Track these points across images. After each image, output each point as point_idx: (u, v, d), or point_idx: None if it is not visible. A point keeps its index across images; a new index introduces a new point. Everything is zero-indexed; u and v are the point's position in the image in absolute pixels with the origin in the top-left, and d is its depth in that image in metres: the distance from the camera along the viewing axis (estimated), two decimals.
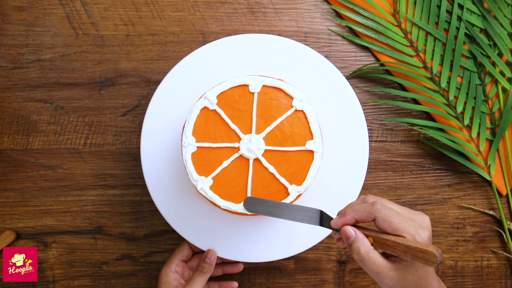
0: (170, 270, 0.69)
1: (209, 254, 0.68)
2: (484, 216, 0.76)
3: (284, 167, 0.63)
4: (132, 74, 0.75)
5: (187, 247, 0.71)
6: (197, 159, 0.63)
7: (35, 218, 0.75)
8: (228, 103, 0.63)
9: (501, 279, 0.77)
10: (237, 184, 0.63)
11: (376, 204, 0.54)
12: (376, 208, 0.54)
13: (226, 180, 0.63)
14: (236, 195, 0.63)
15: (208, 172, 0.62)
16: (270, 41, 0.69)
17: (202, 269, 0.68)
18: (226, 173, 0.63)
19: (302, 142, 0.63)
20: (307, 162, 0.63)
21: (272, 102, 0.63)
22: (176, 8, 0.75)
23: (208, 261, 0.68)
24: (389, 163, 0.76)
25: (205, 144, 0.62)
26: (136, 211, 0.75)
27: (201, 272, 0.67)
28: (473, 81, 0.74)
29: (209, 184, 0.62)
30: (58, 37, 0.75)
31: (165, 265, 0.69)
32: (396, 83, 0.75)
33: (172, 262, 0.69)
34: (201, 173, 0.63)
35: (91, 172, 0.75)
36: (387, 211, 0.53)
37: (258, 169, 0.63)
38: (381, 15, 0.74)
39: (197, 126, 0.63)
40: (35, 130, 0.75)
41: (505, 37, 0.73)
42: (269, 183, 0.63)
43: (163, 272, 0.69)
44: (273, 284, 0.76)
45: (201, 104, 0.63)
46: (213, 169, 0.63)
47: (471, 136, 0.74)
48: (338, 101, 0.69)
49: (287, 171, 0.63)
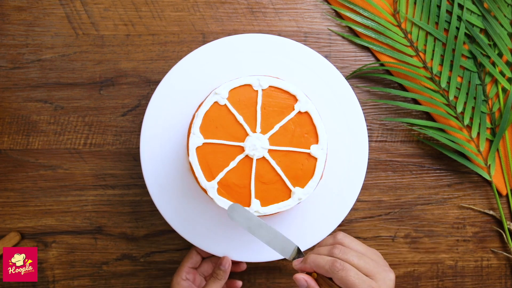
0: (181, 278, 0.68)
1: (223, 261, 0.68)
2: (484, 216, 0.76)
3: (288, 168, 0.62)
4: (132, 74, 0.75)
5: (195, 254, 0.71)
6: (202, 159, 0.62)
7: (35, 218, 0.75)
8: (237, 100, 0.63)
9: (501, 279, 0.77)
10: (242, 185, 0.62)
11: (336, 263, 0.55)
12: (335, 268, 0.55)
13: (231, 182, 0.62)
14: (241, 196, 0.62)
15: (214, 174, 0.62)
16: (270, 41, 0.69)
17: (216, 276, 0.68)
18: (231, 175, 0.62)
19: (306, 145, 0.63)
20: (310, 166, 0.63)
21: (277, 103, 0.63)
22: (176, 8, 0.75)
23: (223, 268, 0.68)
24: (389, 163, 0.76)
25: (212, 141, 0.62)
26: (136, 211, 0.75)
27: (215, 279, 0.68)
28: (473, 81, 0.74)
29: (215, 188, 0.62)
30: (58, 37, 0.75)
31: (176, 274, 0.69)
32: (396, 83, 0.75)
33: (182, 270, 0.69)
34: (206, 174, 0.62)
35: (91, 172, 0.75)
36: (344, 273, 0.55)
37: (261, 168, 0.62)
38: (381, 15, 0.74)
39: (205, 122, 0.62)
40: (35, 130, 0.75)
41: (505, 37, 0.73)
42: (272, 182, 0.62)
43: (174, 281, 0.69)
44: (273, 284, 0.76)
45: (212, 100, 0.63)
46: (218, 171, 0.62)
47: (471, 136, 0.74)
48: (338, 101, 0.69)
49: (290, 172, 0.62)
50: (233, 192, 0.62)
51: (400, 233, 0.76)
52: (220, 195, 0.62)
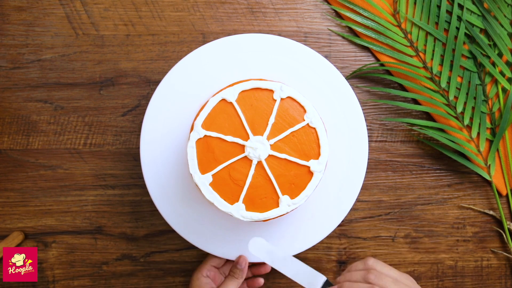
0: (202, 274, 0.69)
1: (240, 260, 0.68)
2: (484, 216, 0.76)
3: (283, 177, 0.62)
4: (132, 74, 0.75)
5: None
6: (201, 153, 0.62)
7: (35, 218, 0.75)
8: (247, 102, 0.63)
9: (501, 279, 0.77)
10: (234, 184, 0.62)
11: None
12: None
13: (225, 179, 0.62)
14: (230, 195, 0.62)
15: (210, 168, 0.62)
16: (270, 41, 0.69)
17: (233, 274, 0.68)
18: (227, 172, 0.62)
19: (306, 157, 0.63)
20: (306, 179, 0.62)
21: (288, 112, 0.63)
22: (176, 8, 0.75)
23: (240, 267, 0.68)
24: (389, 163, 0.76)
25: (213, 134, 0.62)
26: (136, 211, 0.75)
27: (232, 277, 0.68)
28: (473, 81, 0.74)
29: (208, 181, 0.62)
30: (58, 37, 0.75)
31: (197, 270, 0.69)
32: (396, 83, 0.75)
33: (204, 267, 0.70)
34: (202, 168, 0.62)
35: (91, 172, 0.75)
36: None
37: (258, 172, 0.62)
38: (381, 15, 0.74)
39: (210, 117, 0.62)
40: (35, 130, 0.75)
41: (505, 37, 0.73)
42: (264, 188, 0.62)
43: (194, 276, 0.69)
44: (273, 284, 0.76)
45: (220, 96, 0.62)
46: (215, 165, 0.62)
47: (471, 136, 0.74)
48: (338, 101, 0.69)
49: (285, 181, 0.62)
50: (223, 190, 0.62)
51: (400, 233, 0.76)
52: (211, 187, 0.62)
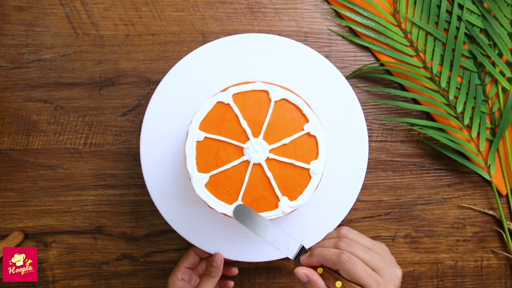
0: (177, 278, 0.68)
1: (215, 258, 0.68)
2: (484, 216, 0.76)
3: (283, 178, 0.62)
4: (132, 74, 0.75)
5: (192, 255, 0.71)
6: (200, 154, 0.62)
7: (35, 218, 0.75)
8: (244, 103, 0.63)
9: (501, 279, 0.77)
10: (231, 185, 0.62)
11: (343, 254, 0.55)
12: (341, 260, 0.55)
13: (223, 180, 0.62)
14: (228, 196, 0.62)
15: (208, 169, 0.62)
16: (270, 41, 0.69)
17: (210, 273, 0.68)
18: (225, 173, 0.62)
19: (306, 160, 0.63)
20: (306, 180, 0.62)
21: (286, 117, 0.63)
22: (176, 8, 0.75)
23: (215, 265, 0.67)
24: (389, 163, 0.76)
25: (213, 136, 0.62)
26: (136, 211, 0.75)
27: (208, 276, 0.67)
28: (473, 81, 0.74)
29: (205, 181, 0.62)
30: (58, 37, 0.75)
31: (172, 274, 0.69)
32: (396, 83, 0.75)
33: (178, 270, 0.69)
34: (200, 169, 0.62)
35: (91, 172, 0.75)
36: (350, 265, 0.54)
37: (256, 174, 0.62)
38: (381, 15, 0.74)
39: (207, 119, 0.62)
40: (35, 130, 0.75)
41: (505, 37, 0.73)
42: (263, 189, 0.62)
43: (170, 281, 0.68)
44: (273, 284, 0.76)
45: (216, 98, 0.62)
46: (214, 167, 0.62)
47: (471, 136, 0.74)
48: (338, 101, 0.69)
49: (284, 182, 0.62)
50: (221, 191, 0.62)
51: (400, 233, 0.76)
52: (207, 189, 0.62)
